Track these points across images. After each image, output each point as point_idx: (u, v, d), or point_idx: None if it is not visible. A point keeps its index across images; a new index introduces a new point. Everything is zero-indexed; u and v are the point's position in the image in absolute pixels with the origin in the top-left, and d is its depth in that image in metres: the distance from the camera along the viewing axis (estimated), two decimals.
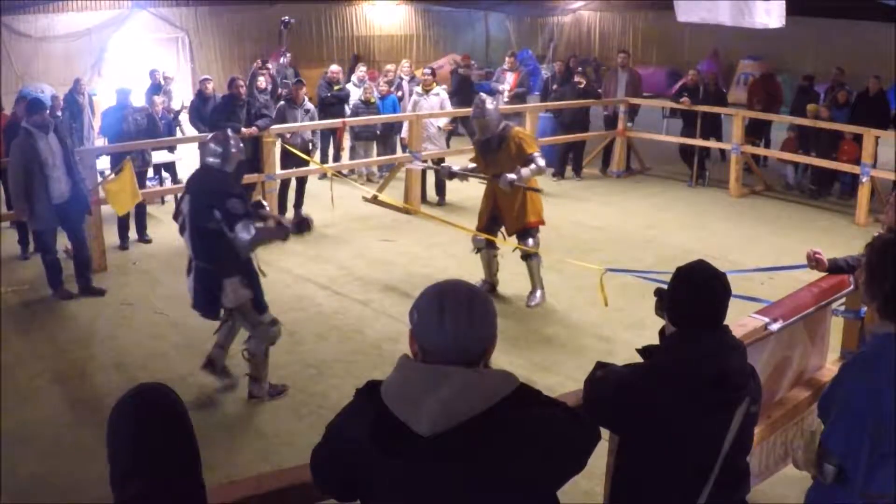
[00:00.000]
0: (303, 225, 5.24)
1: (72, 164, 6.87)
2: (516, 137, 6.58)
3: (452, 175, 7.04)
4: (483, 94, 7.10)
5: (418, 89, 10.37)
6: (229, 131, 5.63)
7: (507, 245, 6.80)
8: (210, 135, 8.87)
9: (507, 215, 6.70)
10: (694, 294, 2.43)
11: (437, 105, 10.12)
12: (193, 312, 6.58)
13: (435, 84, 10.47)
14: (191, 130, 10.39)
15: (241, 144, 5.35)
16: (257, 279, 5.19)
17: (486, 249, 6.94)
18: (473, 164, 6.95)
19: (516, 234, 6.71)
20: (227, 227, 4.83)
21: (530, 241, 6.67)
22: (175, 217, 5.26)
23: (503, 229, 6.81)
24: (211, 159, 5.09)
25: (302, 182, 9.40)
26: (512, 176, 6.43)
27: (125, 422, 1.81)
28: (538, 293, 6.80)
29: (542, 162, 6.60)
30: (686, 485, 2.37)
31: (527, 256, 6.74)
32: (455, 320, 1.74)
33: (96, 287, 7.11)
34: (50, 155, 6.66)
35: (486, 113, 6.55)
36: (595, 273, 5.93)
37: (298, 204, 9.32)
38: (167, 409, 1.85)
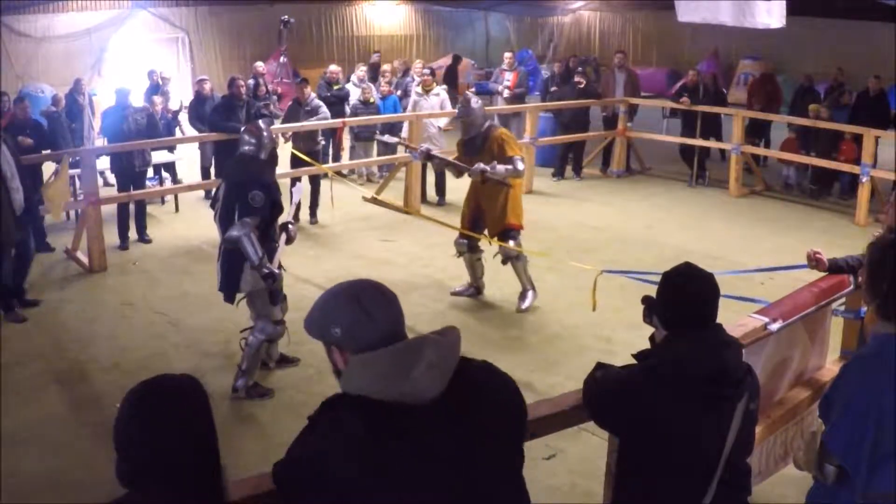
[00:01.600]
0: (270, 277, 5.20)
1: (24, 177, 6.53)
2: (500, 138, 6.49)
3: (429, 157, 6.97)
4: (468, 94, 7.06)
5: (418, 89, 10.36)
6: (261, 122, 5.80)
7: (494, 244, 6.69)
8: (207, 134, 9.00)
9: (489, 216, 6.61)
10: (682, 296, 2.45)
11: (437, 105, 10.11)
12: (193, 312, 6.64)
13: (435, 84, 10.46)
14: (190, 130, 10.39)
15: (273, 136, 5.56)
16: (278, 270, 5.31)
17: (468, 253, 6.85)
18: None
19: (497, 237, 6.60)
20: (238, 212, 5.03)
21: (511, 242, 6.55)
22: (212, 205, 5.48)
23: (486, 231, 6.70)
24: (246, 148, 5.34)
25: (315, 185, 9.35)
26: (483, 166, 6.37)
27: (141, 407, 1.75)
28: (529, 294, 6.71)
29: (520, 165, 6.49)
30: (689, 485, 2.37)
31: (508, 258, 6.64)
32: (380, 309, 1.81)
33: (19, 313, 6.55)
34: (8, 167, 6.33)
35: (471, 112, 6.52)
36: (595, 273, 5.92)
37: (313, 204, 9.32)
38: (188, 401, 1.80)
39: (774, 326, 3.39)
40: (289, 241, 5.43)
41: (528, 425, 2.04)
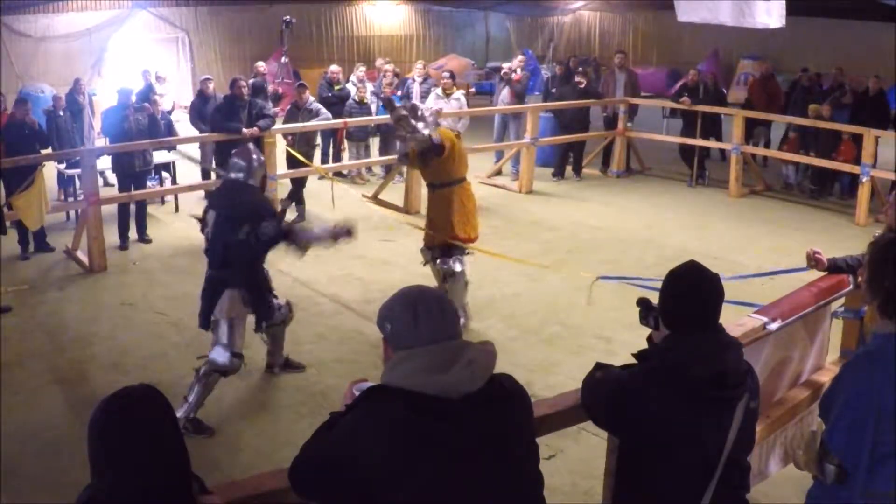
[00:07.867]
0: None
1: None
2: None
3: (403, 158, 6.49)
4: (424, 107, 6.46)
5: (438, 91, 10.28)
6: (251, 145, 5.58)
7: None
8: (208, 134, 9.00)
9: (436, 225, 6.19)
10: (686, 296, 2.43)
11: (457, 109, 10.07)
12: (193, 312, 6.59)
13: (455, 88, 10.40)
14: (185, 130, 10.37)
15: (263, 158, 5.34)
16: (263, 299, 5.16)
17: (432, 263, 6.40)
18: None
19: (440, 250, 6.16)
20: (258, 245, 4.89)
21: (450, 261, 6.10)
22: (202, 229, 5.15)
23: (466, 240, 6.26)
24: (234, 174, 5.06)
25: (299, 184, 9.40)
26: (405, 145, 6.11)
27: (109, 422, 1.88)
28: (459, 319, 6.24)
29: (425, 132, 5.95)
30: (689, 484, 2.37)
31: (445, 277, 6.10)
32: (429, 319, 1.92)
33: None
34: None
35: (417, 132, 5.98)
36: (594, 273, 5.94)
37: (290, 199, 9.33)
38: (154, 412, 1.91)
39: (773, 326, 3.39)
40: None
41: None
